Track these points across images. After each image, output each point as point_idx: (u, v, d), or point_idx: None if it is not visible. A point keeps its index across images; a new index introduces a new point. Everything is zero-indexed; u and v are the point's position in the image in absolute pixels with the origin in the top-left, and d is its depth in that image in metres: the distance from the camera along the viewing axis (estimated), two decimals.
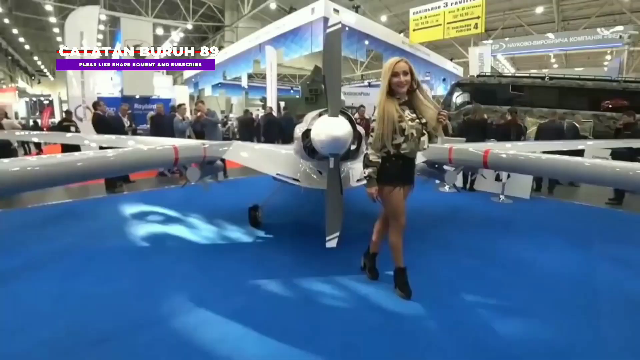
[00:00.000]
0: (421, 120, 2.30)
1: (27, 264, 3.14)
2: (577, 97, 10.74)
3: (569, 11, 18.60)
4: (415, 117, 2.30)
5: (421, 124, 2.30)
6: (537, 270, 3.15)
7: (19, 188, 2.10)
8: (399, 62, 2.25)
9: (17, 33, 22.82)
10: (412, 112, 2.31)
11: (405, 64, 2.25)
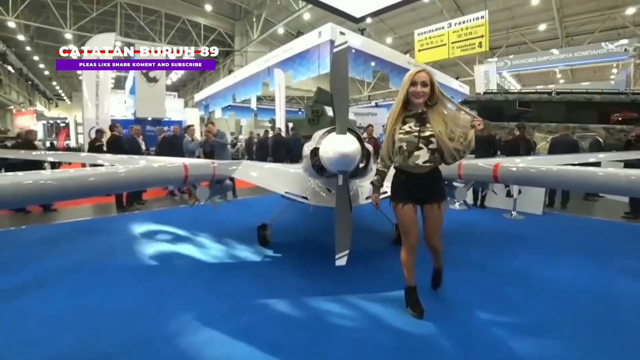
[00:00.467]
0: (421, 133, 2.21)
1: (36, 280, 3.17)
2: (586, 111, 10.68)
3: (571, 27, 18.78)
4: (414, 130, 2.23)
5: (419, 137, 2.22)
6: (554, 287, 3.05)
7: (32, 200, 2.15)
8: (420, 72, 2.24)
9: (38, 60, 23.98)
10: (418, 125, 2.23)
11: (426, 75, 2.22)
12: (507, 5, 17.77)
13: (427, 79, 2.21)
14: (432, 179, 2.33)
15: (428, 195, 2.34)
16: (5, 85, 24.97)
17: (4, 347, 2.17)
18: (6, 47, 19.36)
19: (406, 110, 2.31)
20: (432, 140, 2.22)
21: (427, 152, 2.24)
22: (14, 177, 1.97)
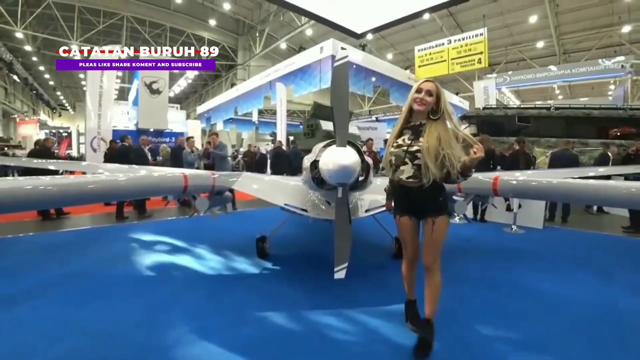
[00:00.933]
0: (410, 148, 2.13)
1: (32, 289, 3.15)
2: (584, 126, 10.79)
3: (569, 44, 19.11)
4: (405, 143, 2.16)
5: (406, 152, 2.14)
6: (555, 301, 3.01)
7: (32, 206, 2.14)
8: (427, 81, 2.18)
9: (43, 70, 24.36)
10: (411, 139, 2.15)
11: (433, 85, 2.15)
12: (506, 23, 18.15)
13: (433, 89, 2.14)
14: (427, 194, 2.13)
15: (423, 210, 2.20)
16: (10, 94, 25.32)
17: None
18: (13, 57, 19.72)
19: (408, 122, 2.27)
20: (417, 155, 2.10)
21: (412, 167, 2.14)
22: (13, 182, 1.98)
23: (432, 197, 2.17)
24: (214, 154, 7.10)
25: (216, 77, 28.11)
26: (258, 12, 19.44)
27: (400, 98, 16.44)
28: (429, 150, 2.04)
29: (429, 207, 2.18)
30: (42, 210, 6.05)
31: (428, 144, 2.05)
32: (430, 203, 2.17)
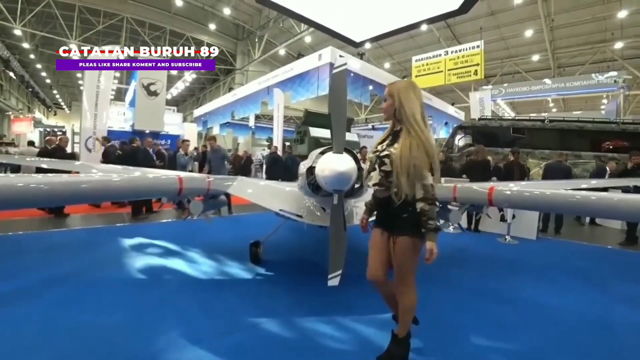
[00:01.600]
0: (381, 153, 2.00)
1: (21, 290, 3.09)
2: (578, 139, 10.96)
3: (563, 59, 19.46)
4: (381, 148, 2.03)
5: (377, 157, 2.00)
6: (549, 312, 3.02)
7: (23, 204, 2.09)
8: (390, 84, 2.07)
9: (40, 68, 24.23)
10: (388, 144, 2.01)
11: (391, 87, 2.03)
12: (502, 36, 18.45)
13: (391, 92, 1.99)
14: (392, 206, 1.95)
15: (392, 224, 1.99)
16: (6, 91, 25.10)
17: None
18: (10, 54, 19.57)
19: (393, 129, 2.11)
20: (385, 161, 1.94)
21: (379, 174, 1.97)
22: (5, 179, 1.95)
23: (396, 211, 1.93)
24: (212, 156, 7.10)
25: (214, 81, 28.13)
26: (258, 18, 19.56)
27: None
28: (400, 158, 1.85)
29: (393, 223, 1.97)
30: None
31: (399, 151, 1.87)
32: (394, 218, 1.96)
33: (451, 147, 12.44)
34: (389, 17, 7.81)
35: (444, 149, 11.76)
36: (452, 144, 12.78)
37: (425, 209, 1.83)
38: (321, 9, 7.49)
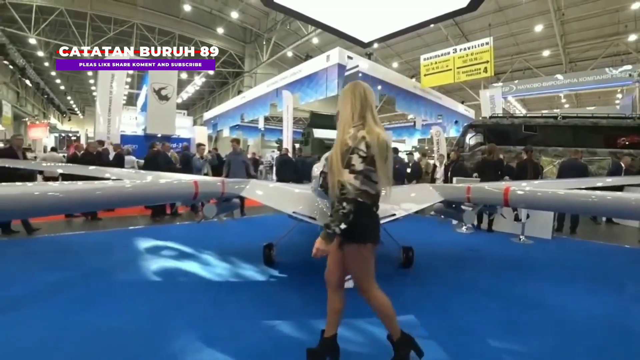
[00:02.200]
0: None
1: (39, 292, 3.17)
2: (592, 135, 10.71)
3: (575, 53, 19.08)
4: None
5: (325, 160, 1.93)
6: (564, 313, 2.97)
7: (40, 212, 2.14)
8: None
9: (55, 75, 24.81)
10: None
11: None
12: (511, 32, 18.19)
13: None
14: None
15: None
16: (22, 97, 25.77)
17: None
18: (26, 62, 20.12)
19: None
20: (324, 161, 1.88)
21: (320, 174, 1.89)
22: (23, 188, 2.00)
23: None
24: (231, 160, 7.17)
25: (223, 84, 28.39)
26: (265, 20, 19.67)
27: (405, 106, 16.47)
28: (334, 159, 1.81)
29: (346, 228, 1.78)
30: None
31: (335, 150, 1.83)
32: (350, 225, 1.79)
33: (462, 146, 12.31)
34: (397, 17, 7.76)
35: (455, 148, 11.64)
36: (463, 143, 12.65)
37: (334, 206, 1.77)
38: (328, 10, 7.49)
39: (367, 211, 1.83)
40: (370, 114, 1.86)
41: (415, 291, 3.41)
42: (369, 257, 1.92)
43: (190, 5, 17.72)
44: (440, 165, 10.12)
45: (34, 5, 15.96)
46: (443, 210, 3.94)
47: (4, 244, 4.81)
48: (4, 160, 5.74)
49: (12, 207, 1.86)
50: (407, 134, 24.39)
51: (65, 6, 16.70)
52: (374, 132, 1.78)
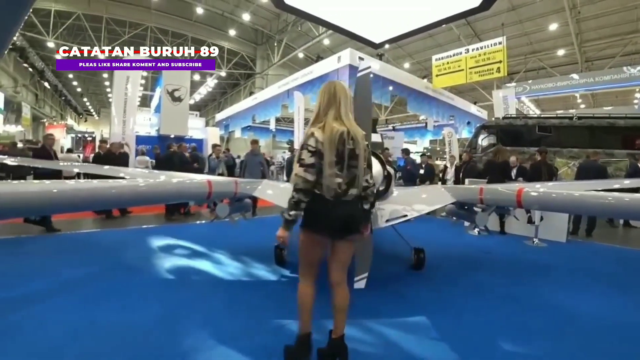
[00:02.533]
0: None
1: (55, 288, 3.25)
2: (609, 136, 10.45)
3: (591, 52, 18.64)
4: None
5: None
6: (579, 319, 2.92)
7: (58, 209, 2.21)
8: None
9: (72, 77, 25.47)
10: None
11: None
12: (525, 32, 17.89)
13: None
14: None
15: None
16: (40, 99, 26.52)
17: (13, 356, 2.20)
18: (44, 65, 20.70)
19: None
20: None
21: None
22: (41, 185, 2.07)
23: None
24: (248, 161, 7.25)
25: (235, 86, 28.68)
26: (276, 22, 19.81)
27: (417, 107, 16.34)
28: None
29: None
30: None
31: None
32: None
33: (474, 148, 12.17)
34: (408, 17, 7.73)
35: (467, 149, 11.51)
36: (476, 144, 12.49)
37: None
38: (339, 11, 7.51)
39: (320, 202, 1.91)
40: (335, 110, 1.95)
41: (426, 293, 3.40)
42: (309, 244, 2.02)
43: (202, 7, 17.97)
44: (450, 166, 10.03)
45: (52, 10, 16.44)
46: (455, 211, 3.92)
47: (22, 240, 4.95)
48: (22, 160, 5.96)
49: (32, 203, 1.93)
50: (418, 135, 24.19)
51: (82, 10, 17.14)
52: (328, 128, 1.89)
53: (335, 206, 1.91)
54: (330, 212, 1.91)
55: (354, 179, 1.93)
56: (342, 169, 1.91)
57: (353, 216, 1.96)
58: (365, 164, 1.99)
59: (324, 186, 1.88)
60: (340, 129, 1.90)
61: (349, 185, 1.93)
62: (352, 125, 1.95)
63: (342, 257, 2.07)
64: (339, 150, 1.88)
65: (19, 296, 3.06)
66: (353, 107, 2.10)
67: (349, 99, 2.01)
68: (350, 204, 1.95)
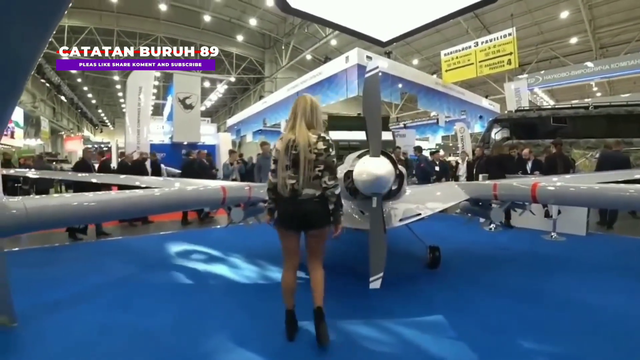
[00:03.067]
0: None
1: (79, 296, 3.37)
2: (628, 124, 10.11)
3: (606, 38, 18.08)
4: None
5: None
6: (602, 315, 2.84)
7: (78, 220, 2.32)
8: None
9: (87, 90, 26.24)
10: None
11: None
12: (535, 21, 17.51)
13: None
14: None
15: None
16: (58, 113, 27.38)
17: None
18: (60, 80, 21.37)
19: None
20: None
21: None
22: (60, 199, 2.16)
23: None
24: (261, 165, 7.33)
25: (244, 90, 28.96)
26: (283, 25, 19.93)
27: (427, 104, 16.20)
28: None
29: None
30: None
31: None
32: None
33: (488, 142, 11.97)
34: (415, 14, 7.68)
35: (480, 144, 11.34)
36: (489, 138, 12.29)
37: None
38: (345, 12, 7.52)
39: (280, 200, 2.34)
40: (292, 122, 2.35)
41: (443, 292, 3.37)
42: (280, 236, 2.47)
43: (210, 15, 18.24)
44: (462, 162, 9.90)
45: (65, 26, 16.97)
46: (469, 208, 3.88)
47: (50, 250, 5.14)
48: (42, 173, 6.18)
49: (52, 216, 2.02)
50: (430, 131, 23.93)
51: (94, 25, 17.65)
52: (284, 138, 2.32)
53: (293, 204, 2.25)
54: (289, 209, 2.29)
55: (308, 180, 2.20)
56: (297, 171, 2.21)
57: (310, 213, 2.25)
58: (322, 167, 2.23)
59: (279, 186, 2.28)
60: (290, 137, 2.26)
61: (304, 186, 2.21)
62: (299, 134, 2.24)
63: (312, 248, 2.46)
64: (292, 155, 2.22)
65: (50, 302, 3.18)
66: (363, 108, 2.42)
67: (308, 110, 2.32)
68: (307, 202, 2.23)
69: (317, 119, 2.34)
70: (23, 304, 2.82)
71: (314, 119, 2.31)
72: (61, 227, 5.30)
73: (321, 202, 2.25)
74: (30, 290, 3.35)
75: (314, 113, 2.33)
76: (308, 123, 2.28)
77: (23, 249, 5.08)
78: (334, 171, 2.26)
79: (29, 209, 1.78)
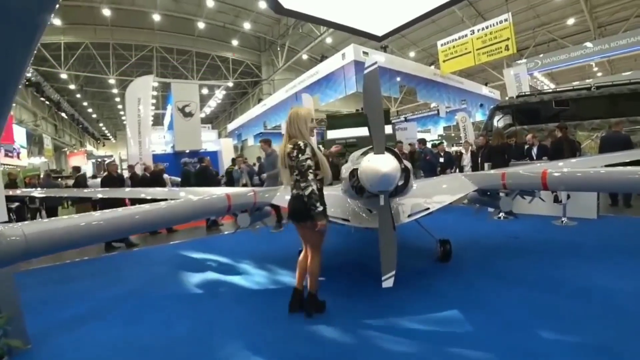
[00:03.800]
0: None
1: (94, 310, 3.39)
2: (632, 102, 9.94)
3: (603, 17, 17.82)
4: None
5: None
6: (618, 301, 2.78)
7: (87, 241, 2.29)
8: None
9: (87, 105, 26.45)
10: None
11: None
12: (530, 4, 17.29)
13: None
14: None
15: None
16: (60, 129, 27.56)
17: None
18: (60, 97, 21.52)
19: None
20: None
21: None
22: (68, 221, 2.14)
23: None
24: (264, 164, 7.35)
25: (243, 95, 28.96)
26: (277, 27, 19.88)
27: (427, 95, 16.10)
28: None
29: None
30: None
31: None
32: None
33: (491, 130, 11.85)
34: (410, 5, 7.61)
35: (483, 132, 11.22)
36: (491, 126, 12.16)
37: None
38: (339, 9, 7.47)
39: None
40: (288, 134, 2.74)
41: (456, 286, 3.33)
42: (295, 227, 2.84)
43: (203, 22, 18.23)
44: (466, 152, 9.82)
45: (61, 43, 17.06)
46: (477, 198, 3.83)
47: (64, 266, 5.16)
48: (47, 191, 6.19)
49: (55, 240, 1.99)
50: (431, 123, 23.79)
51: (89, 40, 17.72)
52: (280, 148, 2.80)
53: (290, 201, 2.71)
54: (288, 205, 2.74)
55: (295, 182, 2.62)
56: (291, 173, 2.67)
57: (296, 208, 2.65)
58: (297, 171, 2.58)
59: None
60: (283, 146, 2.72)
61: (293, 187, 2.66)
62: (281, 146, 2.75)
63: (306, 238, 2.84)
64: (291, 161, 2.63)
65: (63, 320, 3.18)
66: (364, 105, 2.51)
67: (289, 122, 2.70)
68: (295, 199, 2.64)
69: (299, 128, 2.65)
70: (36, 324, 2.83)
71: (293, 129, 2.66)
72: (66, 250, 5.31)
73: (303, 200, 2.56)
74: (43, 309, 3.37)
75: (294, 124, 2.66)
76: (291, 134, 2.68)
77: (34, 268, 5.09)
78: (303, 174, 2.53)
79: (28, 235, 1.73)
